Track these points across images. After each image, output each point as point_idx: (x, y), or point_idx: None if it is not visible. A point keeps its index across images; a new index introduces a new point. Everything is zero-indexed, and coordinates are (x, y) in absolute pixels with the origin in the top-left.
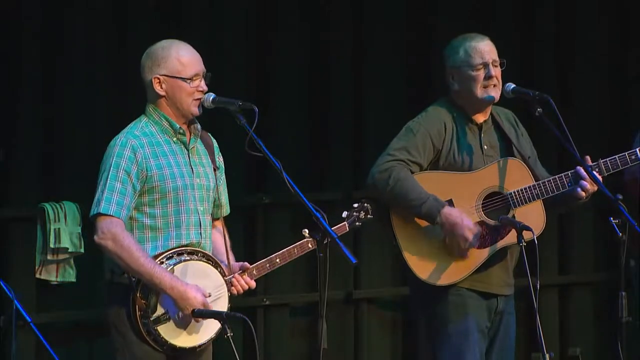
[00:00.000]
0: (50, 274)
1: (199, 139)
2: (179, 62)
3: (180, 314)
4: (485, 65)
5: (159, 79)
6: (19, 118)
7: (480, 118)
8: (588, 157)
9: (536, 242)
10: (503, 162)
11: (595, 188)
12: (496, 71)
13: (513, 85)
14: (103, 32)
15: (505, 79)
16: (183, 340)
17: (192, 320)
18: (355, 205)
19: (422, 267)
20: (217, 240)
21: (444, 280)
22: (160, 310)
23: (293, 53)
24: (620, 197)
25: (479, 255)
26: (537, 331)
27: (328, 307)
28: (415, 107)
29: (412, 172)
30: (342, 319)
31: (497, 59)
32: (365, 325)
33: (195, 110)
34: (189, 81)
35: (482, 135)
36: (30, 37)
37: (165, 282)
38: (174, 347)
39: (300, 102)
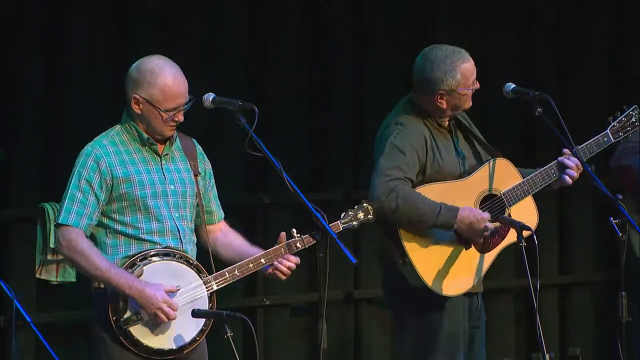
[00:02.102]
0: (50, 274)
1: (177, 145)
2: (161, 92)
3: (146, 313)
4: (475, 80)
5: (137, 99)
6: (19, 118)
7: (446, 122)
8: (567, 150)
9: (536, 241)
10: (491, 163)
11: (578, 175)
12: None
13: (513, 85)
14: (103, 32)
15: (505, 79)
16: (160, 341)
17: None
18: (355, 206)
19: (436, 280)
20: (235, 242)
21: (458, 290)
22: (129, 311)
23: (293, 53)
24: (621, 197)
25: (486, 260)
26: (537, 331)
27: (328, 307)
28: None
29: None
30: (342, 319)
31: None
32: (365, 325)
33: (168, 133)
34: (164, 113)
35: (455, 140)
36: (30, 37)
37: (122, 282)
38: (150, 349)
39: (300, 102)
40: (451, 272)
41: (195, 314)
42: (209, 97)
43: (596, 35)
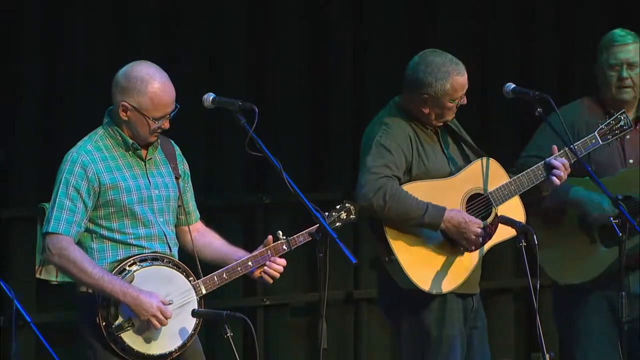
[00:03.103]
0: (50, 274)
1: (158, 148)
2: (151, 101)
3: (139, 320)
4: (462, 96)
5: (126, 106)
6: (19, 118)
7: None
8: (555, 147)
9: (536, 241)
10: (479, 162)
11: (566, 176)
12: None
13: (513, 85)
14: (103, 32)
15: (505, 79)
16: (151, 347)
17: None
18: (338, 206)
19: (423, 278)
20: (215, 242)
21: (444, 287)
22: (121, 318)
23: (293, 53)
24: (621, 197)
25: (472, 258)
26: (537, 331)
27: (328, 307)
28: None
29: None
30: (342, 319)
31: None
32: (365, 325)
33: (152, 140)
34: (152, 121)
35: (442, 141)
36: (30, 37)
37: (116, 289)
38: (142, 355)
39: (300, 102)
40: (437, 269)
41: (196, 313)
42: (209, 97)
43: (596, 35)
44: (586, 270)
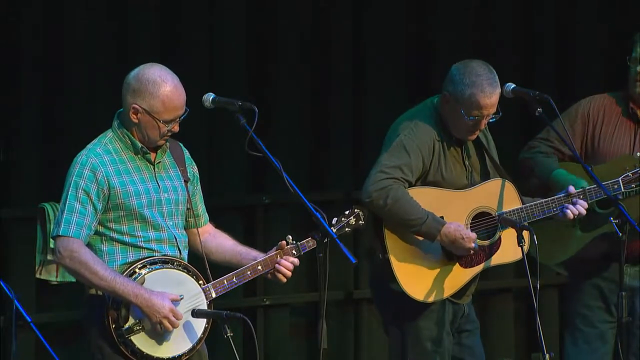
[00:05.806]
0: (50, 274)
1: (167, 152)
2: (162, 104)
3: (149, 322)
4: (481, 117)
5: (137, 108)
6: (19, 118)
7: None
8: (572, 187)
9: (536, 242)
10: (494, 182)
11: (577, 214)
12: (486, 121)
13: (513, 85)
14: (103, 32)
15: (505, 79)
16: (160, 350)
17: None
18: (347, 211)
19: (410, 283)
20: (227, 244)
21: (430, 297)
22: (131, 320)
23: (293, 52)
24: (620, 197)
25: (465, 275)
26: (537, 331)
27: (328, 307)
28: None
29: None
30: (342, 319)
31: (494, 110)
32: (365, 325)
33: (161, 143)
34: (162, 124)
35: (464, 152)
36: (30, 37)
37: (128, 291)
38: (152, 358)
39: (300, 102)
40: (427, 278)
41: (196, 313)
42: (209, 97)
43: (596, 36)
44: (563, 251)
